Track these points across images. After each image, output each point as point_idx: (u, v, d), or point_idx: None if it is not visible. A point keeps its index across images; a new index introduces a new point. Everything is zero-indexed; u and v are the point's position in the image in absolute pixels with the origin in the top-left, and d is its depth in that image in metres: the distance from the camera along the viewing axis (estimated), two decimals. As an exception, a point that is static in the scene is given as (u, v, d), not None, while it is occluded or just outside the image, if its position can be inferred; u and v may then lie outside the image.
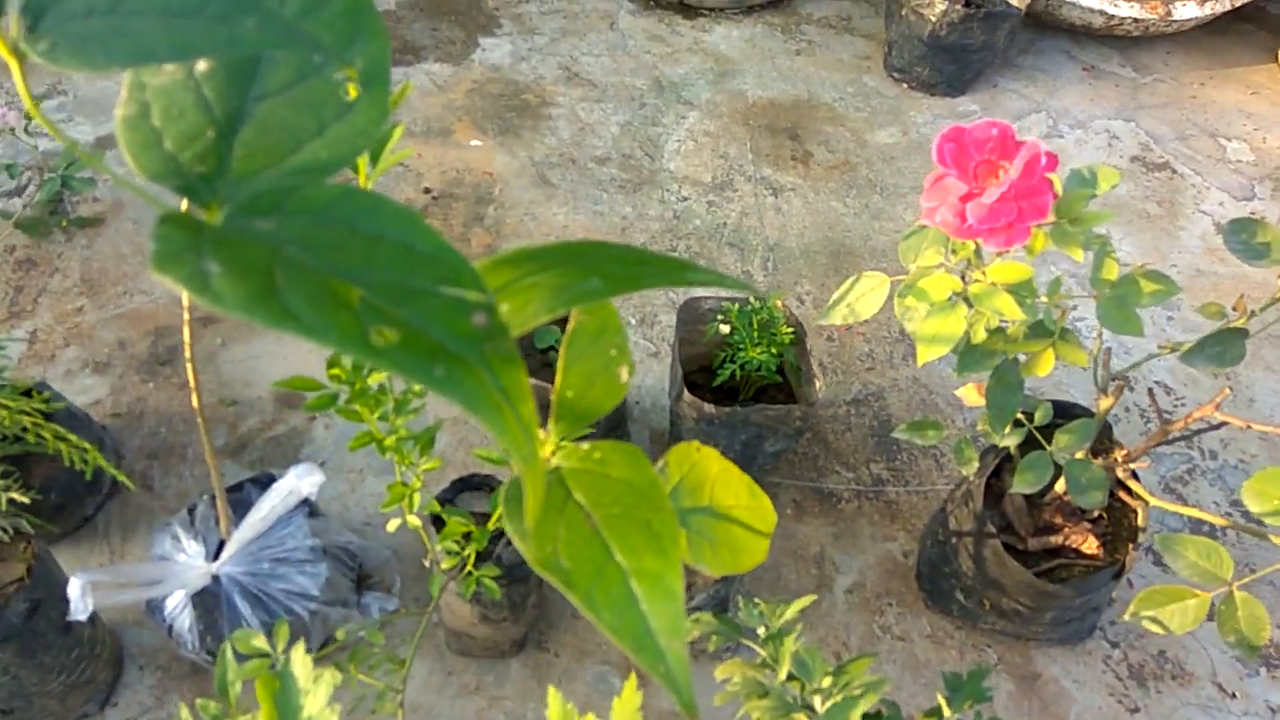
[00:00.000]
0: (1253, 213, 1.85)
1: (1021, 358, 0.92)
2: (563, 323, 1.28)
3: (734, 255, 1.70)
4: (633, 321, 1.58)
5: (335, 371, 0.77)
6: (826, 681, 0.63)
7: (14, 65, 0.28)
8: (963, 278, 0.88)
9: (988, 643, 1.22)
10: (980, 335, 0.86)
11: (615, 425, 1.35)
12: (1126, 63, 2.19)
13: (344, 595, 1.16)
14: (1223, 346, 0.91)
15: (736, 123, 1.97)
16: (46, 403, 0.82)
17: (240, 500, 1.13)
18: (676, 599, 0.40)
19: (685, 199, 1.80)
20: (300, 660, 0.70)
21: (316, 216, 0.32)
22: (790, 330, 1.25)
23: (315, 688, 0.70)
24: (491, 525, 0.91)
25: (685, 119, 1.97)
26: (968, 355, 0.89)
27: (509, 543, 1.08)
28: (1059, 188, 0.80)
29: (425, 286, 0.31)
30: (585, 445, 0.47)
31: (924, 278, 0.90)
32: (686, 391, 1.22)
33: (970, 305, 0.80)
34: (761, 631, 0.67)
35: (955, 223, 0.71)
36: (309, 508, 1.15)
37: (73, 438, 0.83)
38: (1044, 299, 0.84)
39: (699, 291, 1.60)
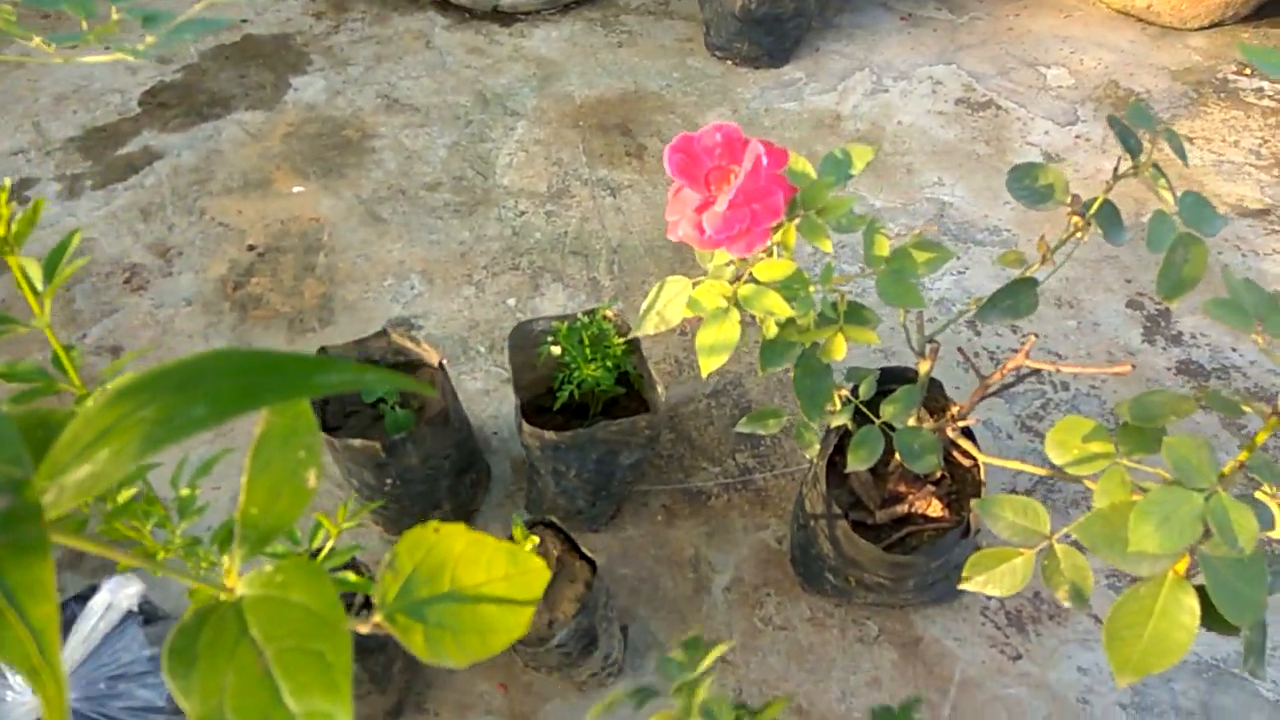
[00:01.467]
0: (1077, 136, 1.89)
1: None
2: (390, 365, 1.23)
3: (579, 263, 1.67)
4: (482, 350, 1.54)
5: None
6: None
7: None
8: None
9: (866, 615, 1.22)
10: (772, 330, 0.84)
11: (470, 461, 1.31)
12: (942, 5, 2.22)
13: (199, 698, 1.10)
14: (1015, 299, 0.92)
15: (566, 126, 1.93)
16: None
17: (66, 620, 1.06)
18: (349, 741, 0.37)
19: (523, 213, 1.76)
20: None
21: None
22: (622, 341, 1.23)
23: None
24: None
25: (514, 130, 1.93)
26: (767, 351, 0.87)
27: (356, 613, 1.04)
28: (812, 174, 0.78)
29: None
30: (268, 568, 0.44)
31: (717, 281, 0.88)
32: (525, 423, 1.19)
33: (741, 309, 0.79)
34: (674, 685, 0.65)
35: (696, 235, 0.69)
36: (144, 615, 1.08)
37: None
38: (816, 289, 0.83)
39: (534, 314, 1.57)
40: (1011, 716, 1.14)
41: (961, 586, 0.87)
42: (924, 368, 1.03)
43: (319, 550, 0.82)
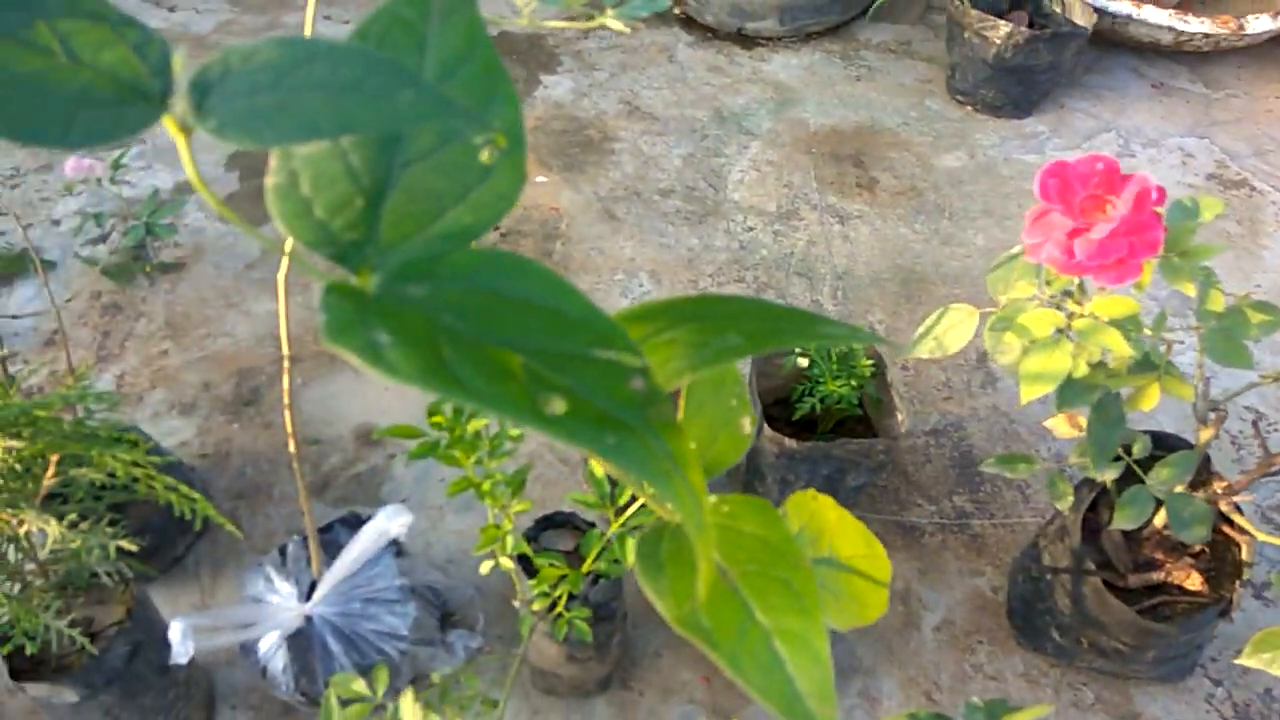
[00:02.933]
0: (1339, 229, 1.79)
1: (1124, 391, 0.89)
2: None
3: (802, 285, 1.70)
4: (704, 354, 1.58)
5: (438, 419, 0.78)
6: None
7: (181, 142, 0.29)
8: (1057, 308, 0.86)
9: (1084, 681, 1.18)
10: (1082, 370, 0.84)
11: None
12: (1196, 79, 2.15)
13: (430, 634, 1.17)
14: (1335, 376, 0.88)
15: (799, 151, 1.96)
16: (146, 453, 0.84)
17: (330, 540, 1.15)
18: (824, 662, 0.39)
19: (751, 229, 1.80)
20: (410, 708, 0.70)
21: (466, 283, 0.32)
22: (870, 362, 1.24)
23: (426, 736, 0.70)
24: (586, 569, 0.91)
25: (748, 149, 1.97)
26: (1068, 389, 0.87)
27: (596, 582, 1.08)
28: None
29: (579, 351, 0.31)
30: (714, 499, 0.47)
31: (1018, 311, 0.89)
32: (767, 426, 1.21)
33: (1073, 341, 0.79)
34: None
35: (1063, 259, 0.70)
36: (396, 547, 1.16)
37: (183, 488, 0.84)
38: (1149, 332, 0.82)
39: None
40: (1236, 814, 1.08)
41: (1241, 661, 0.84)
42: (1205, 435, 1.00)
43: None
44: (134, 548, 0.86)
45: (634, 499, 0.87)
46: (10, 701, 1.19)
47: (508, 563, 0.95)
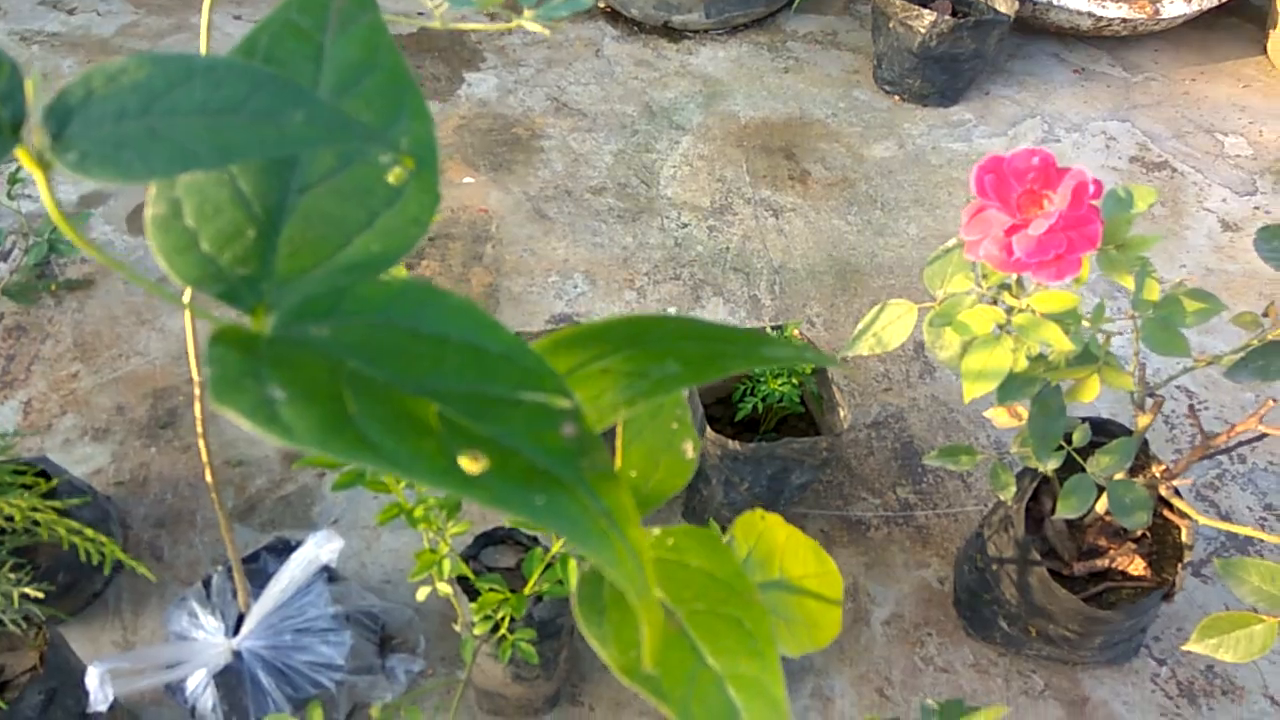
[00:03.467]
0: (1256, 208, 1.84)
1: (1065, 384, 0.89)
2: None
3: (739, 280, 1.68)
4: (642, 354, 1.55)
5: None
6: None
7: (40, 177, 0.25)
8: (995, 302, 0.85)
9: (1033, 669, 1.19)
10: (1022, 364, 0.83)
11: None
12: (1116, 63, 2.18)
13: (369, 661, 1.12)
14: (1266, 360, 0.89)
15: (730, 144, 1.95)
16: (52, 490, 0.78)
17: (256, 570, 1.09)
18: (780, 708, 0.37)
19: (685, 225, 1.77)
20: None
21: (375, 319, 0.29)
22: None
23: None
24: (528, 590, 0.87)
25: (679, 144, 1.95)
26: (1009, 385, 0.86)
27: (540, 600, 1.05)
28: (1099, 210, 0.77)
29: (503, 394, 0.28)
30: (656, 531, 0.44)
31: (956, 306, 0.88)
32: (709, 428, 1.19)
33: (1013, 336, 0.78)
34: None
35: (1001, 256, 0.68)
36: (328, 573, 1.11)
37: (88, 531, 0.79)
38: (1087, 324, 0.82)
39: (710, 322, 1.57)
40: (1183, 792, 1.10)
41: (1188, 648, 0.84)
42: (1143, 421, 1.01)
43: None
44: (40, 594, 0.80)
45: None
46: (-85, 759, 1.11)
47: (445, 588, 0.91)
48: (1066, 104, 2.06)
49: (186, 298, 0.38)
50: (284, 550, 1.10)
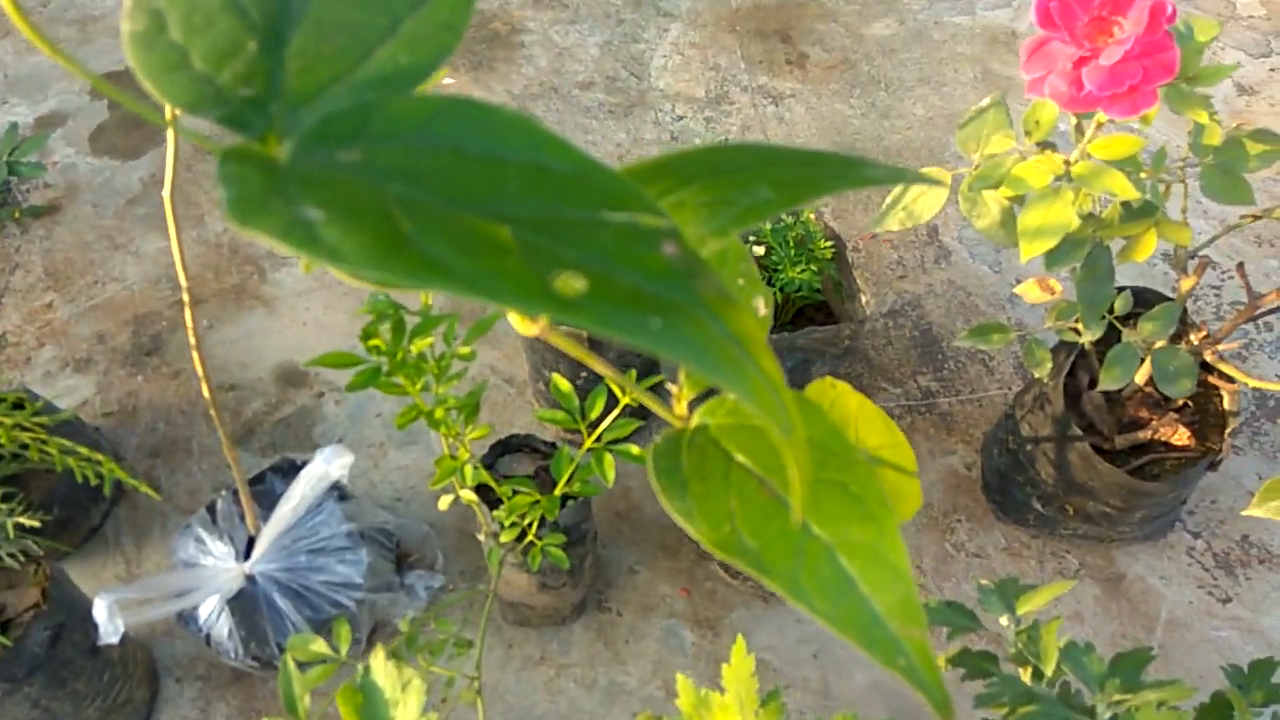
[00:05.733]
0: (1272, 69, 1.76)
1: (1116, 244, 0.83)
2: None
3: (740, 172, 1.60)
4: (645, 253, 1.48)
5: (375, 343, 0.68)
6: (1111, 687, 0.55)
7: None
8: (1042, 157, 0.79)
9: (1066, 549, 1.16)
10: (1075, 222, 0.77)
11: (650, 367, 1.26)
12: (1119, -74, 2.07)
13: (387, 579, 1.08)
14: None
15: (723, 30, 1.84)
16: (37, 413, 0.72)
17: (263, 492, 1.04)
18: (902, 576, 0.32)
19: (681, 118, 1.69)
20: (382, 669, 0.62)
21: (413, 140, 0.23)
22: (829, 244, 1.16)
23: (404, 696, 0.62)
24: (559, 491, 0.82)
25: (668, 31, 1.84)
26: (1060, 246, 0.80)
27: (564, 505, 1.00)
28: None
29: (584, 216, 0.22)
30: (730, 398, 0.39)
31: (997, 168, 0.81)
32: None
33: (1073, 188, 0.72)
34: (1005, 621, 0.59)
35: (1069, 91, 0.62)
36: (339, 491, 1.06)
37: (82, 449, 0.73)
38: (1146, 174, 0.76)
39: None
40: (1224, 659, 1.08)
41: (1249, 512, 0.80)
42: (1186, 284, 0.96)
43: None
44: (36, 523, 0.75)
45: (607, 413, 0.78)
46: (-77, 705, 1.07)
47: (469, 495, 0.86)
48: (1071, -29, 1.96)
49: (168, 115, 0.31)
50: (290, 470, 1.05)
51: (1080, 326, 0.99)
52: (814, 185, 0.28)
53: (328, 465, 0.95)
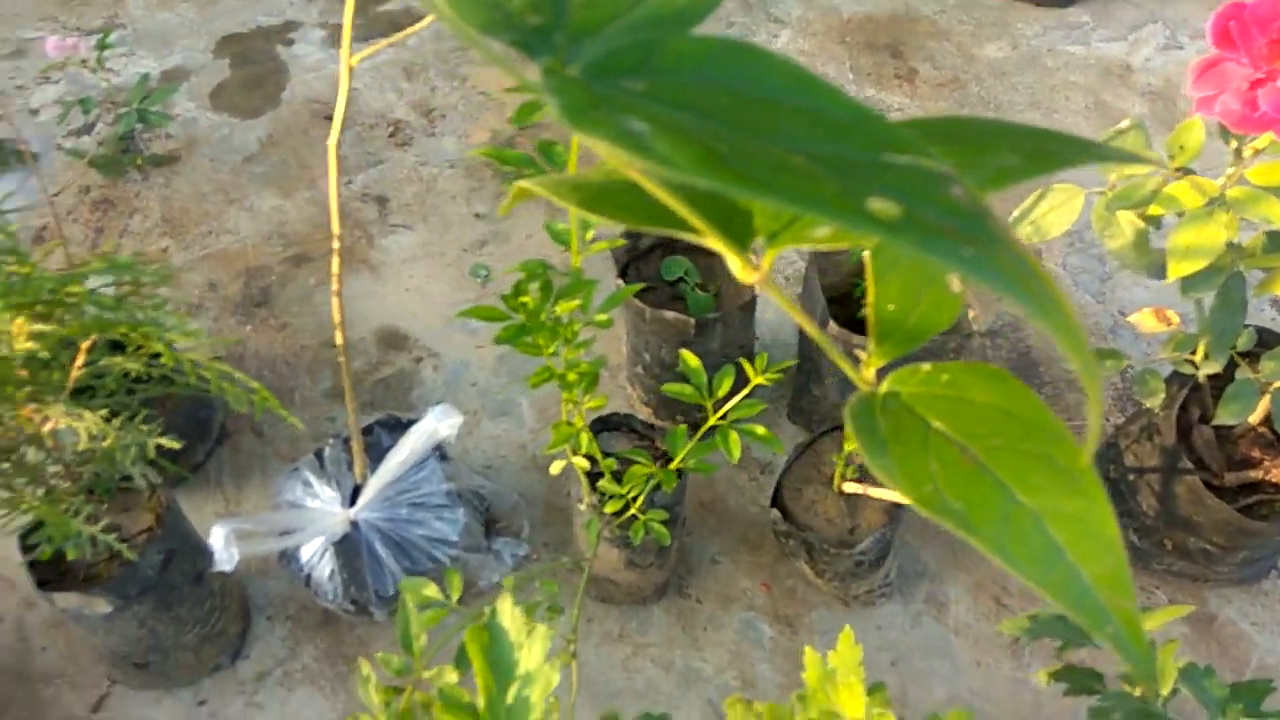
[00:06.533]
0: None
1: (1254, 275, 0.83)
2: (686, 247, 1.20)
3: (843, 181, 1.60)
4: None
5: (524, 299, 0.70)
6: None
7: None
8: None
9: (1157, 584, 1.15)
10: (1223, 246, 0.77)
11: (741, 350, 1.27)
12: (1244, -32, 2.04)
13: (478, 541, 1.10)
14: None
15: (833, 40, 1.85)
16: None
17: (371, 444, 1.07)
18: (1113, 548, 0.32)
19: (786, 122, 1.69)
20: (509, 612, 0.64)
21: (691, 77, 0.24)
22: (941, 254, 1.16)
23: (530, 641, 0.64)
24: (674, 465, 0.84)
25: (778, 38, 1.85)
26: (1200, 272, 0.80)
27: (657, 487, 1.01)
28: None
29: (868, 157, 0.23)
30: (925, 367, 0.39)
31: (1138, 190, 0.81)
32: (832, 322, 1.14)
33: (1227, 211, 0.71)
34: None
35: (1243, 112, 0.62)
36: (440, 451, 1.08)
37: (239, 375, 0.76)
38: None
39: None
40: (1313, 714, 1.06)
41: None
42: (1317, 325, 0.94)
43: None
44: (176, 445, 0.78)
45: (735, 392, 0.79)
46: (29, 615, 1.12)
47: (581, 462, 0.88)
48: (1190, 10, 1.93)
49: (335, 128, 0.33)
50: (396, 426, 1.08)
51: (1197, 359, 0.98)
52: (1053, 158, 0.29)
53: (438, 423, 0.97)
